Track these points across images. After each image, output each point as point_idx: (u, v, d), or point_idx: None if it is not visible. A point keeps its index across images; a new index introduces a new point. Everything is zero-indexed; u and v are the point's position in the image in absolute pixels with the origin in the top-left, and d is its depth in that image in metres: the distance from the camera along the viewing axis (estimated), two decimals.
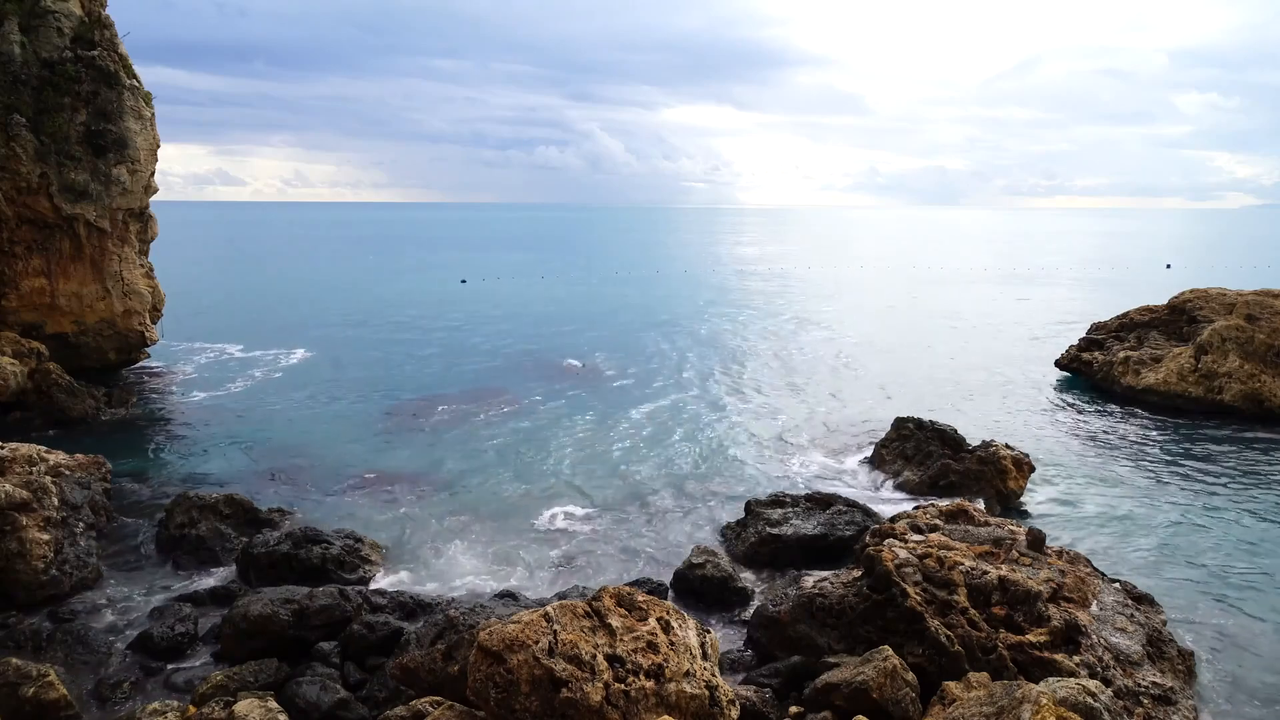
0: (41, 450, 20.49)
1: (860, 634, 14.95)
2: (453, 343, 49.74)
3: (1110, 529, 22.13)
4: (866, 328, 56.81)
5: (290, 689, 14.19)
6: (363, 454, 28.21)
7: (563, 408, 34.53)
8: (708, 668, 11.72)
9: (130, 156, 35.26)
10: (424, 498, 24.29)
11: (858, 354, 46.94)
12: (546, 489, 25.14)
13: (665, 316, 61.64)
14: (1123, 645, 14.19)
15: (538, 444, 29.46)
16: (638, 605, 12.12)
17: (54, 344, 34.41)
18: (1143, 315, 39.84)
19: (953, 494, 23.19)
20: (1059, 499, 24.39)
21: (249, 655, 15.38)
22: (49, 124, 33.06)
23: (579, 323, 58.51)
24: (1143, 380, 35.02)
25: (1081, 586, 15.37)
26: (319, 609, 16.33)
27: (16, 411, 30.16)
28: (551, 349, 47.55)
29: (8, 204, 32.79)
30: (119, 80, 34.93)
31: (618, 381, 39.72)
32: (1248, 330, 33.16)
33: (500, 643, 10.98)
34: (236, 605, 16.37)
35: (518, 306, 67.08)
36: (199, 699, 13.85)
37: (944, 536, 16.73)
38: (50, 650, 15.71)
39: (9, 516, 17.89)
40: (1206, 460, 27.77)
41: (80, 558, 18.66)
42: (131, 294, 36.93)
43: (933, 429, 26.27)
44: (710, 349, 48.26)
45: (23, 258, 34.14)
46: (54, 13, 33.82)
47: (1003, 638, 13.95)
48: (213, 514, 21.13)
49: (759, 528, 21.05)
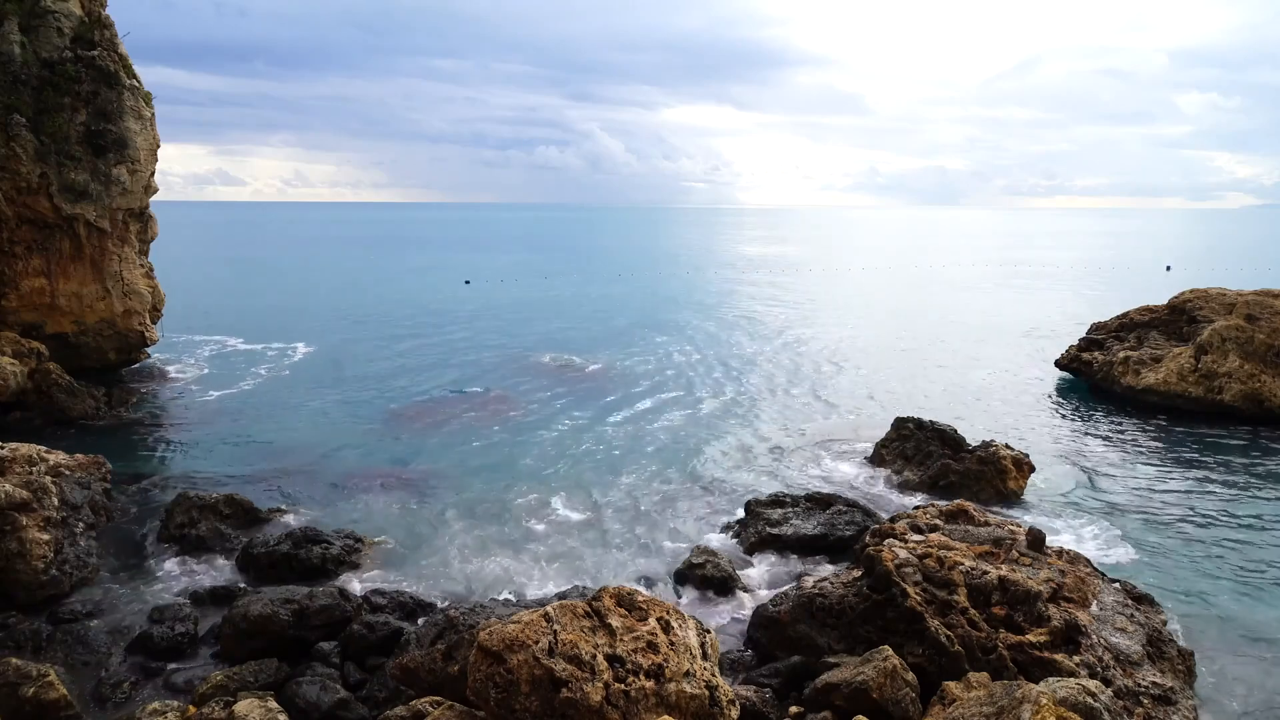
0: (41, 450, 20.50)
1: (860, 634, 14.96)
2: (454, 343, 49.73)
3: (1110, 529, 22.13)
4: (866, 328, 56.81)
5: (290, 689, 14.19)
6: (363, 454, 28.21)
7: (564, 407, 34.53)
8: (708, 668, 11.72)
9: (130, 156, 35.27)
10: (424, 497, 24.29)
11: (858, 354, 46.94)
12: (547, 488, 25.13)
13: (666, 317, 61.65)
14: (1123, 645, 14.19)
15: (538, 443, 29.46)
16: (638, 605, 12.12)
17: (54, 344, 34.41)
18: (1143, 315, 39.84)
19: (953, 494, 23.20)
20: (1059, 499, 24.39)
21: (249, 655, 15.38)
22: (49, 124, 33.06)
23: (580, 322, 58.53)
24: (1143, 380, 35.02)
25: (1081, 586, 15.38)
26: (319, 609, 16.34)
27: (16, 411, 30.16)
28: (552, 349, 47.52)
29: (8, 204, 32.80)
30: (119, 80, 34.94)
31: (619, 381, 39.71)
32: (1248, 330, 33.15)
33: (500, 643, 10.99)
34: (236, 605, 16.37)
35: (520, 306, 67.07)
36: (199, 699, 13.85)
37: (944, 536, 16.74)
38: (50, 650, 15.70)
39: (9, 516, 17.89)
40: (1206, 460, 27.76)
41: (80, 558, 18.66)
42: (131, 294, 36.93)
43: (933, 429, 26.28)
44: (711, 349, 48.26)
45: (23, 258, 34.14)
46: (54, 13, 33.82)
47: (1003, 638, 13.96)
48: (213, 514, 21.14)
49: (759, 528, 21.06)
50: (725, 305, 68.84)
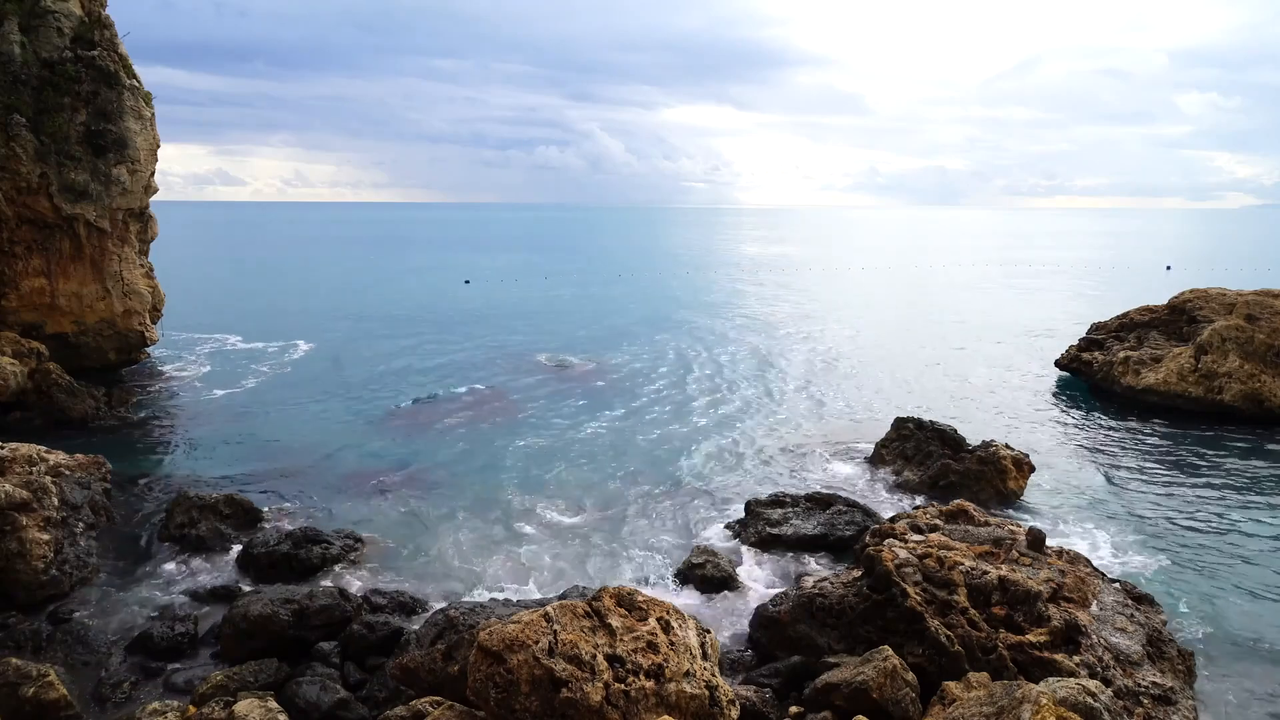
0: (41, 450, 20.50)
1: (860, 634, 14.96)
2: (454, 342, 49.72)
3: (1110, 529, 22.13)
4: (866, 327, 56.81)
5: (290, 689, 14.19)
6: (363, 453, 28.20)
7: (563, 407, 34.53)
8: (708, 668, 11.72)
9: (130, 156, 35.27)
10: (424, 497, 24.29)
11: (858, 354, 46.94)
12: (547, 488, 25.15)
13: (666, 316, 61.65)
14: (1123, 645, 14.19)
15: (538, 443, 29.45)
16: (638, 605, 12.12)
17: (54, 344, 34.41)
18: (1143, 315, 39.84)
19: (953, 494, 23.19)
20: (1059, 499, 24.39)
21: (249, 655, 15.39)
22: (49, 124, 33.06)
23: (580, 322, 58.52)
24: (1143, 380, 35.02)
25: (1081, 586, 15.37)
26: (319, 609, 16.34)
27: (16, 411, 30.15)
28: (552, 348, 47.51)
29: (8, 204, 32.80)
30: (119, 80, 34.94)
31: (619, 381, 39.72)
32: (1248, 330, 33.15)
33: (500, 643, 10.98)
34: (236, 605, 16.37)
35: (520, 306, 67.07)
36: (199, 699, 13.85)
37: (944, 536, 16.73)
38: (50, 650, 15.70)
39: (9, 516, 17.89)
40: (1206, 460, 27.76)
41: (80, 558, 18.67)
42: (131, 294, 36.94)
43: (933, 429, 26.27)
44: (711, 349, 48.26)
45: (23, 258, 34.14)
46: (54, 13, 33.82)
47: (1003, 638, 13.95)
48: (213, 514, 21.15)
49: (759, 528, 21.06)
50: (725, 305, 68.83)
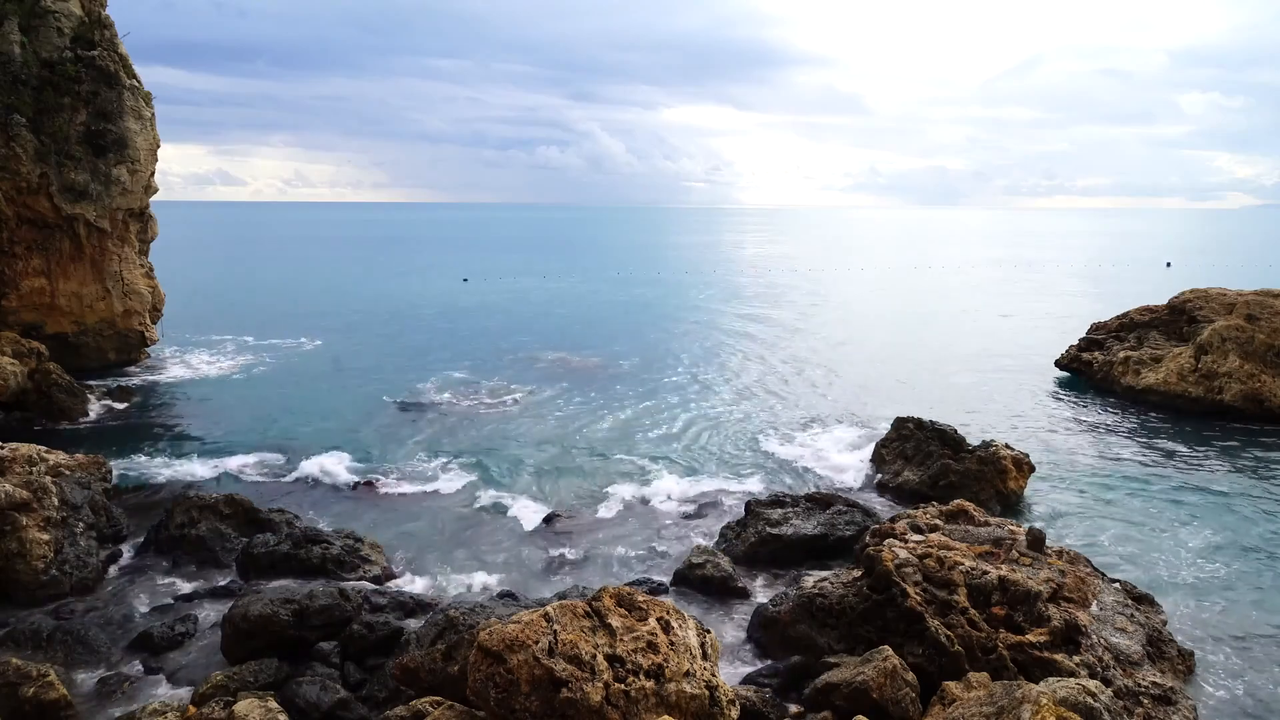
0: (41, 450, 20.50)
1: (860, 634, 14.96)
2: (454, 342, 49.73)
3: (1110, 529, 22.12)
4: (866, 327, 56.80)
5: (290, 689, 14.18)
6: (363, 454, 28.20)
7: (563, 407, 34.54)
8: (708, 668, 11.72)
9: (130, 156, 35.29)
10: (424, 497, 24.30)
11: (858, 354, 46.94)
12: (546, 487, 25.17)
13: (666, 316, 61.65)
14: (1123, 645, 14.19)
15: (537, 442, 29.46)
16: (638, 605, 12.12)
17: (54, 344, 34.42)
18: (1143, 315, 39.83)
19: (953, 494, 23.16)
20: (1059, 499, 24.38)
21: (249, 655, 15.37)
22: (49, 124, 33.07)
23: (580, 322, 58.52)
24: (1143, 380, 35.02)
25: (1081, 586, 15.37)
26: (319, 609, 16.32)
27: (16, 411, 30.17)
28: (552, 348, 47.52)
29: (8, 204, 32.80)
30: (119, 80, 34.96)
31: (619, 380, 39.72)
32: (1248, 330, 33.14)
33: (500, 643, 10.99)
34: (236, 605, 16.36)
35: (520, 305, 67.09)
36: (199, 699, 13.85)
37: (944, 536, 16.73)
38: (50, 650, 15.68)
39: (9, 516, 17.90)
40: (1206, 460, 27.76)
41: (80, 558, 18.66)
42: (131, 294, 36.95)
43: (933, 429, 26.24)
44: (711, 348, 48.26)
45: (23, 258, 34.16)
46: (54, 13, 33.84)
47: (1003, 638, 13.95)
48: (213, 514, 21.13)
49: (759, 528, 21.04)
50: (724, 304, 68.82)
